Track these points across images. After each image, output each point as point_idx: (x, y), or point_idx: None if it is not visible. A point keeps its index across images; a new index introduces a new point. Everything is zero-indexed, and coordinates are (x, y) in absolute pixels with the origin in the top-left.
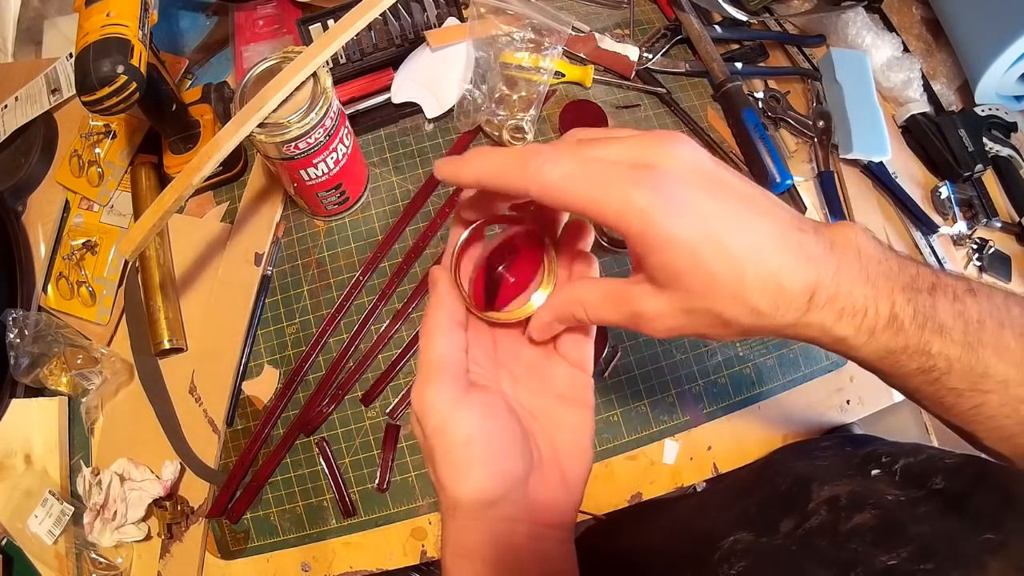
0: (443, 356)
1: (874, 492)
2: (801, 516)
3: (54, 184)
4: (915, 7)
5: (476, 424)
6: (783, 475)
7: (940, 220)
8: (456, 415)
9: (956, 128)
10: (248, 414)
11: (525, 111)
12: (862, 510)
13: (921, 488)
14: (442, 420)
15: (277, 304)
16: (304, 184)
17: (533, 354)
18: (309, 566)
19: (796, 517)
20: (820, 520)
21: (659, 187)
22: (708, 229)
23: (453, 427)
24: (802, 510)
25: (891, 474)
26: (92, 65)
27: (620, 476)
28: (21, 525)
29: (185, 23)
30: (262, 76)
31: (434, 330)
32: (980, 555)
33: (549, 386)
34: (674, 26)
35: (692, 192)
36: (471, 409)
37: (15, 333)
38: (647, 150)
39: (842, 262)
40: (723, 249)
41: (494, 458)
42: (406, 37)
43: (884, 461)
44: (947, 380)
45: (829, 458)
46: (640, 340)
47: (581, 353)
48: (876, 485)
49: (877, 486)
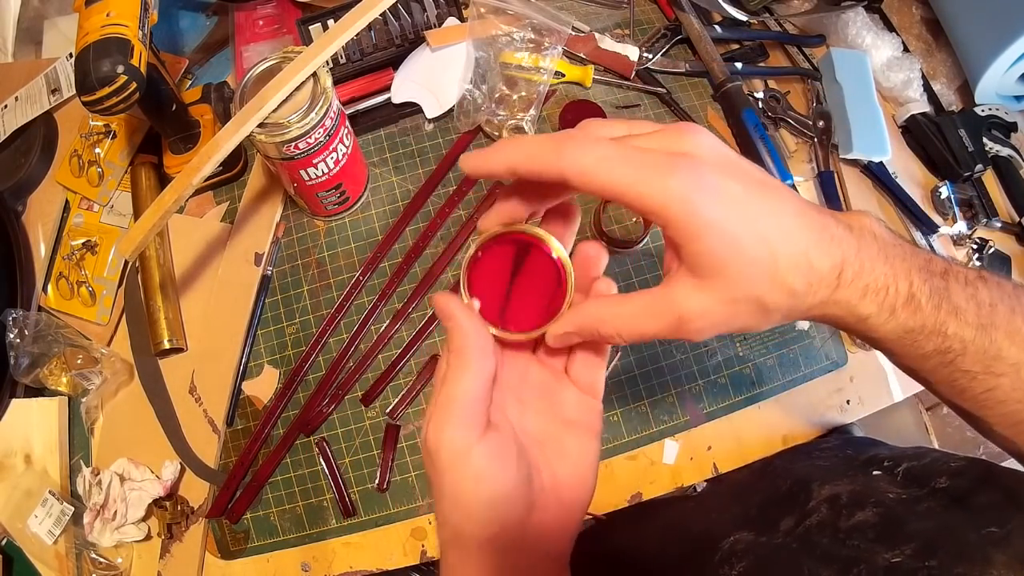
0: (470, 394)
1: (875, 490)
2: (801, 514)
3: (54, 184)
4: (915, 7)
5: (487, 466)
6: (783, 476)
7: (940, 220)
8: (470, 456)
9: (956, 128)
10: (248, 414)
11: (525, 111)
12: (863, 507)
13: (923, 487)
14: (456, 460)
15: (277, 304)
16: (304, 184)
17: (542, 376)
18: (309, 566)
19: (796, 515)
20: (820, 517)
21: (696, 174)
22: (744, 214)
23: (464, 467)
24: (802, 508)
25: (893, 475)
26: (92, 65)
27: (620, 476)
28: (21, 525)
29: (185, 23)
30: (262, 76)
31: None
32: (984, 548)
33: (557, 410)
34: (674, 26)
35: (724, 179)
36: (486, 451)
37: (15, 333)
38: (676, 139)
39: (861, 243)
40: (758, 233)
41: (500, 499)
42: (406, 37)
43: (886, 465)
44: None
45: (830, 459)
46: None
47: (593, 377)
48: (877, 484)
49: (878, 484)
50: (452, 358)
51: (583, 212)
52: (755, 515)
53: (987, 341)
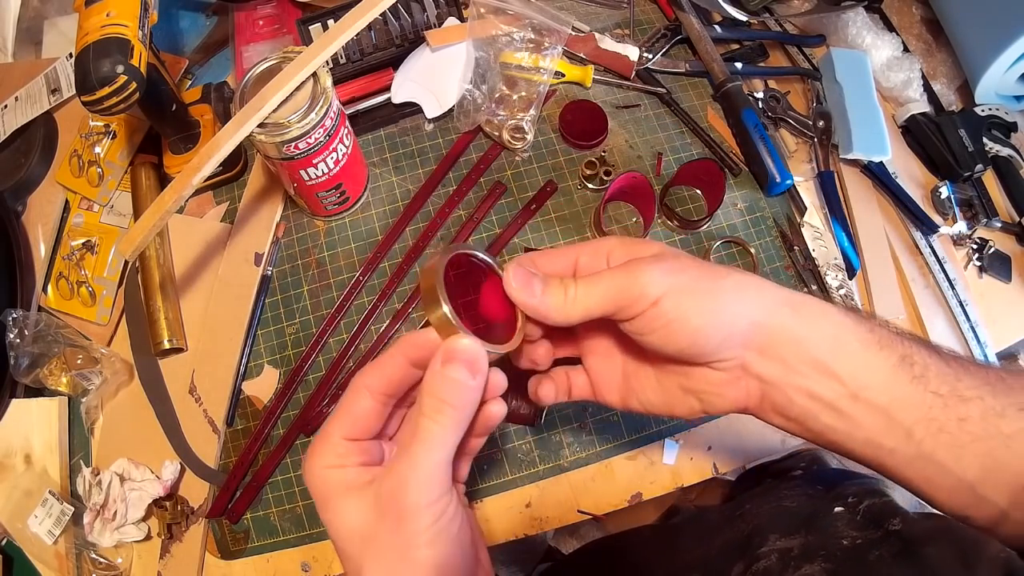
0: (448, 452)
1: (829, 538)
2: (751, 558)
3: (54, 184)
4: (915, 7)
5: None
6: (748, 521)
7: (940, 220)
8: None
9: (956, 128)
10: (248, 414)
11: (525, 111)
12: (812, 560)
13: (879, 528)
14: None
15: (277, 304)
16: (304, 184)
17: None
18: (309, 566)
19: (745, 560)
20: (768, 565)
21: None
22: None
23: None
24: (753, 554)
25: (854, 513)
26: (92, 65)
27: (620, 476)
28: (21, 525)
29: (185, 23)
30: (262, 76)
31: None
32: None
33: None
34: (674, 26)
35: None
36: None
37: (15, 333)
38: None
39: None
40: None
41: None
42: (406, 37)
43: (850, 501)
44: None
45: (797, 498)
46: None
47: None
48: (835, 526)
49: (836, 527)
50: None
51: (583, 213)
52: (714, 556)
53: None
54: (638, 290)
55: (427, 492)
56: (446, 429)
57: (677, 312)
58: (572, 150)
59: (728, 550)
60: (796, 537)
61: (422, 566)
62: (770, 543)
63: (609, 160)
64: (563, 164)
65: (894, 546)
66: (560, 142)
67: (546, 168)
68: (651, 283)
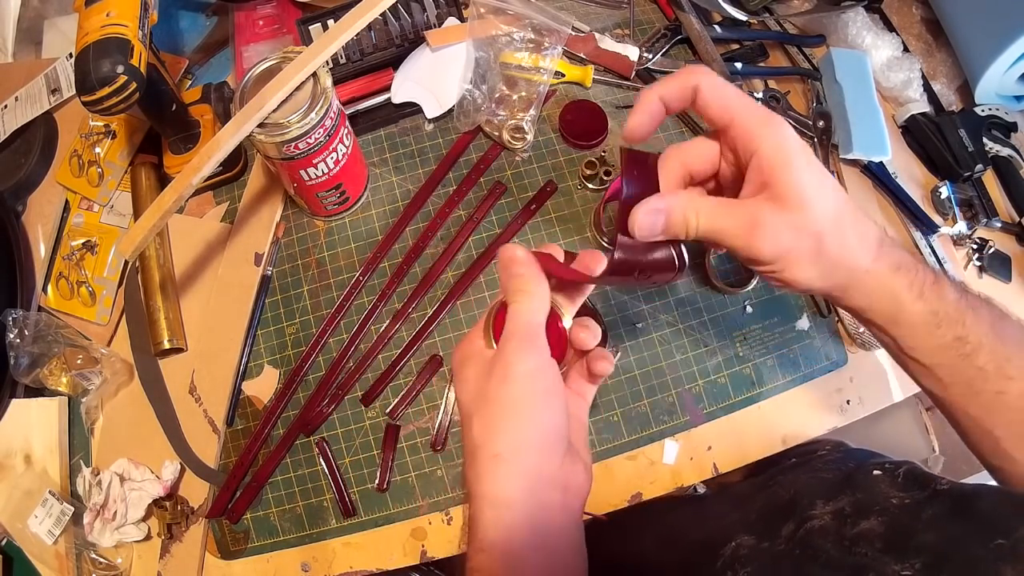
0: (538, 315)
1: (879, 497)
2: (802, 519)
3: (54, 184)
4: (915, 7)
5: (557, 384)
6: (785, 487)
7: (940, 220)
8: (546, 371)
9: (956, 128)
10: (248, 414)
11: (525, 111)
12: (868, 516)
13: (925, 489)
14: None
15: (277, 304)
16: (304, 184)
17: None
18: (309, 566)
19: (796, 520)
20: (823, 523)
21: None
22: (821, 172)
23: (538, 380)
24: (803, 514)
25: (894, 476)
26: (92, 65)
27: (620, 476)
28: (21, 525)
29: (185, 23)
30: (262, 76)
31: (529, 292)
32: (994, 562)
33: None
34: (674, 26)
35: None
36: (556, 372)
37: (15, 333)
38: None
39: (885, 233)
40: (831, 188)
41: (557, 424)
42: (406, 37)
43: (887, 467)
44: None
45: (832, 471)
46: (640, 340)
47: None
48: (879, 487)
49: (880, 488)
50: (515, 283)
51: (583, 213)
52: (754, 520)
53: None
54: (754, 252)
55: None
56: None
57: (790, 275)
58: (572, 150)
59: (769, 514)
60: (844, 498)
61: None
62: (819, 507)
63: (609, 160)
64: (563, 164)
65: (944, 504)
66: (560, 142)
67: (546, 168)
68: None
